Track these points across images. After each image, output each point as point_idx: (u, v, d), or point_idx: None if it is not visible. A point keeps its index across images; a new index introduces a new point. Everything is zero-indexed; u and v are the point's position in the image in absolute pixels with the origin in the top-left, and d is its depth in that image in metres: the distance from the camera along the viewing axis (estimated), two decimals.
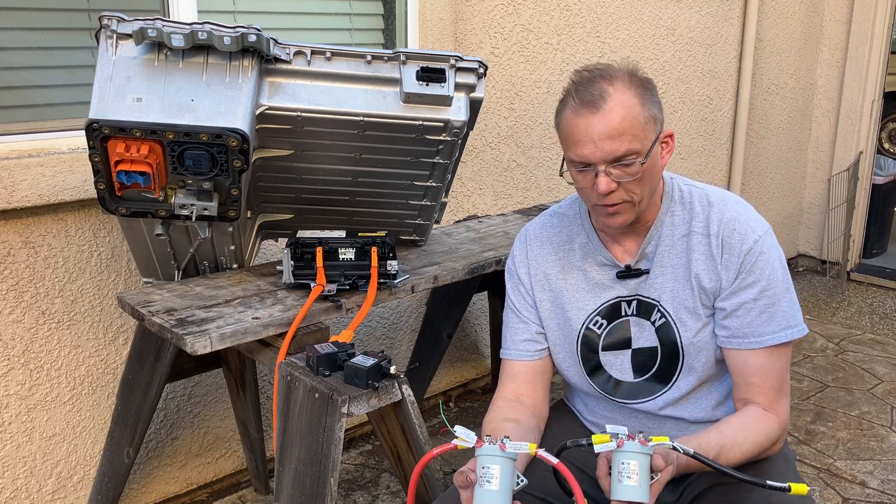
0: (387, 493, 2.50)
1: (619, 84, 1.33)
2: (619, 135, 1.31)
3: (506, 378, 1.59)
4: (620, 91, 1.32)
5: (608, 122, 1.30)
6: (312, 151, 1.84)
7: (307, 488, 1.52)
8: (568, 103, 1.36)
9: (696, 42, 3.71)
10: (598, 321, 1.52)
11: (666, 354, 1.49)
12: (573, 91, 1.35)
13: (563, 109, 1.38)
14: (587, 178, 1.36)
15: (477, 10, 2.76)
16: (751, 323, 1.41)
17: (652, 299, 1.48)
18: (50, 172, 1.93)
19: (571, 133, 1.34)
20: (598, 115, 1.31)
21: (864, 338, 3.79)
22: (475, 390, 3.21)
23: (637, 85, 1.35)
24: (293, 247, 1.80)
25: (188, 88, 1.62)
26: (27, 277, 1.99)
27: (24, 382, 2.05)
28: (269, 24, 2.34)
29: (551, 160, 3.18)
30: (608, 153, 1.32)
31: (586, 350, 1.54)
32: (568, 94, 1.37)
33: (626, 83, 1.34)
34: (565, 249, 1.55)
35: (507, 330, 1.59)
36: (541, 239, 1.58)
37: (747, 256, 1.41)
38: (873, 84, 4.37)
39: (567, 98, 1.37)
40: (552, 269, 1.55)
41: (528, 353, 1.57)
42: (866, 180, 4.55)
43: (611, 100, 1.31)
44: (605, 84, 1.32)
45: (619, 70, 1.36)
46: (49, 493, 2.16)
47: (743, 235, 1.42)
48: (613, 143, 1.31)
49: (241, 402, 2.31)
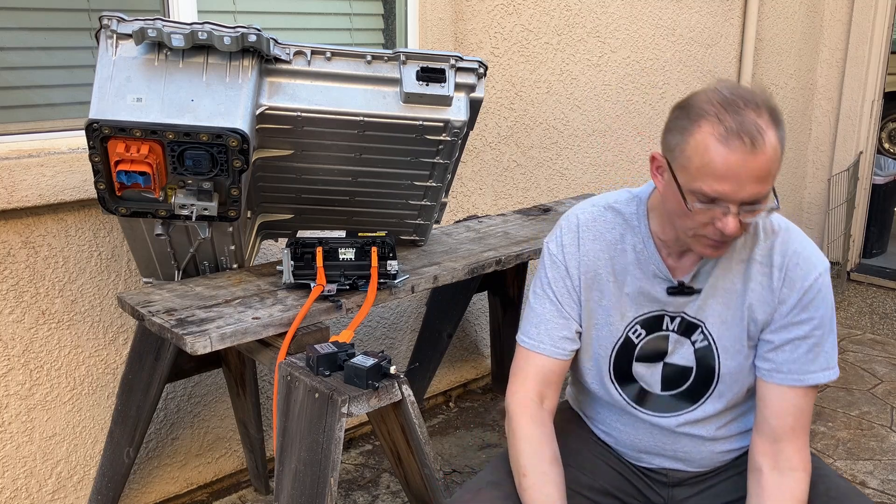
0: (387, 493, 2.50)
1: (767, 118, 1.19)
2: (767, 178, 1.19)
3: (532, 373, 1.46)
4: (770, 127, 1.19)
5: (761, 164, 1.18)
6: (312, 151, 1.84)
7: (307, 488, 1.52)
8: (711, 129, 1.19)
9: (696, 42, 3.71)
10: (638, 330, 1.44)
11: (700, 377, 1.44)
12: (718, 115, 1.19)
13: (693, 130, 1.21)
14: (710, 213, 1.23)
15: (477, 10, 2.76)
16: (796, 360, 1.36)
17: (697, 320, 1.41)
18: (50, 172, 1.93)
19: (713, 164, 1.18)
20: (755, 155, 1.17)
21: (864, 338, 3.79)
22: (475, 390, 3.21)
23: (776, 119, 1.21)
24: (293, 247, 1.80)
25: (188, 88, 1.62)
26: (27, 277, 1.99)
27: (24, 382, 2.05)
28: (269, 24, 2.34)
29: (551, 160, 3.18)
30: (750, 196, 1.20)
31: (620, 358, 1.46)
32: (706, 115, 1.20)
33: (770, 116, 1.20)
34: (618, 249, 1.43)
35: (543, 321, 1.46)
36: (594, 233, 1.44)
37: (806, 293, 1.35)
38: (873, 84, 4.37)
39: (706, 119, 1.20)
40: (603, 268, 1.43)
41: (564, 351, 1.46)
42: (866, 180, 4.55)
43: (766, 138, 1.17)
44: (755, 116, 1.18)
45: (761, 98, 1.22)
46: (49, 493, 2.16)
47: (806, 271, 1.36)
48: (759, 186, 1.19)
49: (241, 402, 2.31)
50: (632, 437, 1.52)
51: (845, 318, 4.05)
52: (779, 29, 4.14)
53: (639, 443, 1.52)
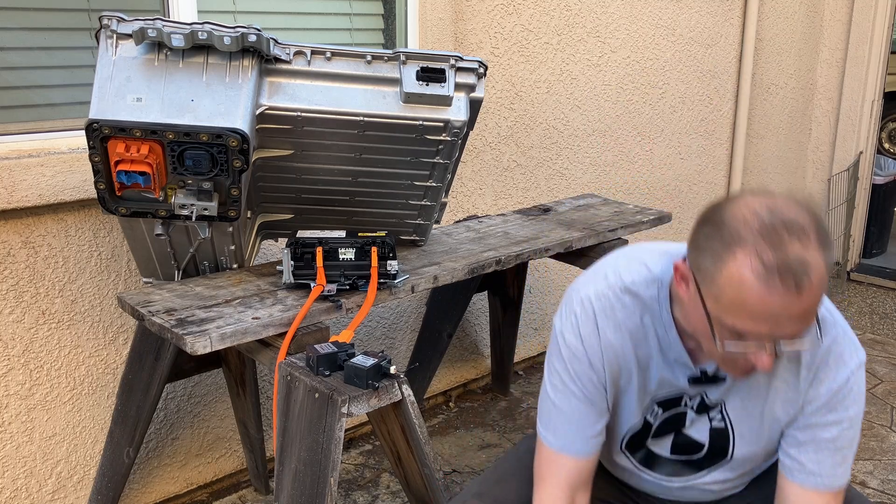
0: (387, 493, 2.50)
1: (814, 248, 1.04)
2: (809, 316, 1.06)
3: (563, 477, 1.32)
4: (817, 260, 1.04)
5: (805, 305, 1.04)
6: (312, 151, 1.84)
7: (307, 488, 1.52)
8: (748, 262, 1.04)
9: (696, 42, 3.71)
10: (655, 410, 1.35)
11: (711, 454, 1.37)
12: (756, 246, 1.04)
13: (727, 259, 1.06)
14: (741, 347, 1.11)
15: (477, 10, 2.76)
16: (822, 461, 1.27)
17: (718, 401, 1.32)
18: (50, 172, 1.93)
19: (749, 305, 1.05)
20: (799, 296, 1.03)
21: (864, 338, 3.79)
22: (475, 390, 3.21)
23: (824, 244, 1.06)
24: (293, 247, 1.80)
25: (188, 88, 1.62)
26: (27, 277, 1.99)
27: (24, 382, 2.05)
28: (269, 24, 2.34)
29: (551, 160, 3.18)
30: (789, 334, 1.07)
31: (635, 437, 1.40)
32: (743, 245, 1.05)
33: (818, 245, 1.05)
34: (640, 338, 1.29)
35: (571, 420, 1.32)
36: (614, 323, 1.29)
37: (836, 395, 1.25)
38: (873, 84, 4.37)
39: (742, 249, 1.05)
40: (629, 360, 1.30)
41: (595, 448, 1.34)
42: (866, 180, 4.55)
43: (812, 275, 1.03)
44: (801, 249, 1.03)
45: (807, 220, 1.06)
46: (49, 493, 2.16)
47: (836, 370, 1.25)
48: (800, 325, 1.06)
49: (241, 402, 2.31)
50: (636, 483, 1.49)
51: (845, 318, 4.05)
52: (779, 29, 4.15)
53: (643, 488, 1.50)
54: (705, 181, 4.02)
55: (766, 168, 4.37)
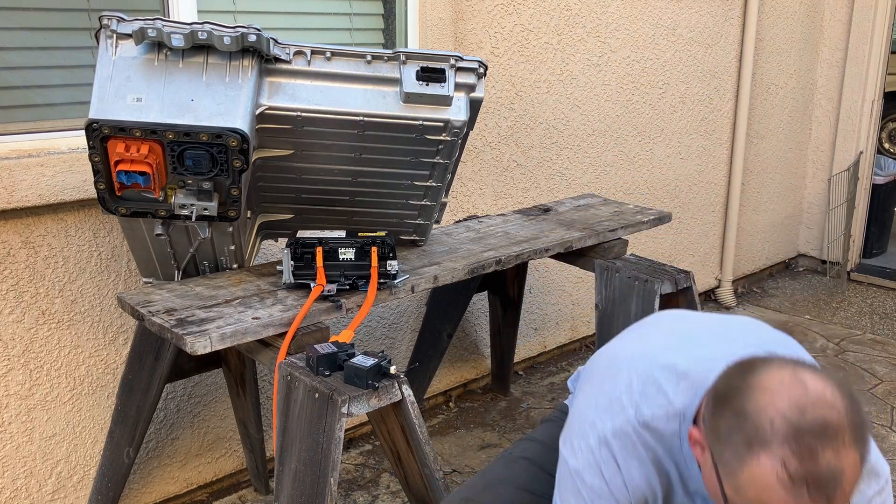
0: (387, 493, 2.50)
1: (848, 452, 0.96)
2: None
3: None
4: (851, 463, 0.96)
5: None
6: (312, 151, 1.84)
7: (307, 488, 1.52)
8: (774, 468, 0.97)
9: (696, 42, 3.71)
10: None
11: None
12: (783, 454, 0.96)
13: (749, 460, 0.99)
14: None
15: (477, 10, 2.76)
16: None
17: None
18: (50, 172, 1.93)
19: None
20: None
21: (865, 338, 3.79)
22: (475, 390, 3.21)
23: (859, 438, 0.98)
24: (293, 247, 1.80)
25: (188, 88, 1.62)
26: (27, 277, 1.99)
27: (24, 382, 2.05)
28: (269, 24, 2.34)
29: (551, 160, 3.18)
30: None
31: None
32: (767, 449, 0.97)
33: (853, 443, 0.97)
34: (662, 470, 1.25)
35: None
36: (638, 459, 1.23)
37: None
38: (873, 84, 4.37)
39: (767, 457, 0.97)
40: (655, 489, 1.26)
41: None
42: (866, 180, 4.55)
43: (845, 483, 0.96)
44: (833, 458, 0.95)
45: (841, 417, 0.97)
46: (49, 493, 2.16)
47: None
48: None
49: (241, 402, 2.31)
50: None
51: (845, 319, 4.05)
52: (779, 29, 4.15)
53: None
54: (705, 181, 4.02)
55: (766, 168, 4.37)
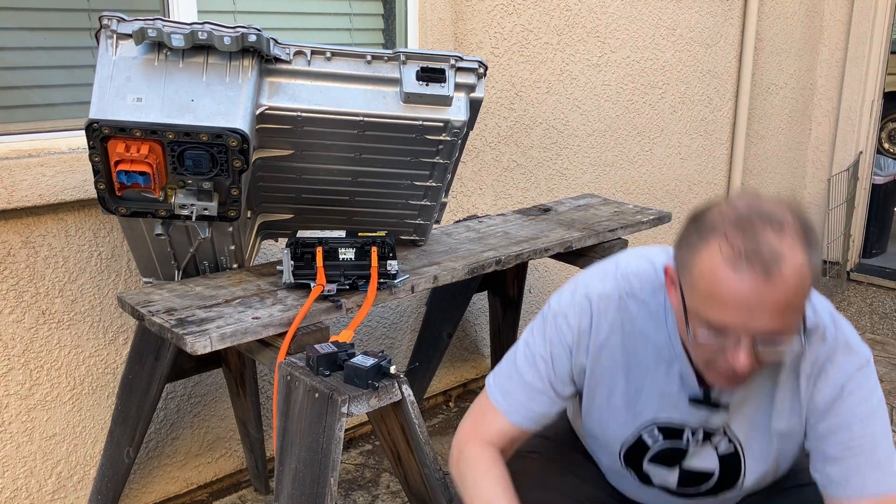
0: (387, 493, 2.50)
1: (790, 240, 1.03)
2: (785, 311, 1.03)
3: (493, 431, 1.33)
4: (793, 251, 1.02)
5: (777, 295, 1.01)
6: (312, 151, 1.84)
7: (307, 488, 1.52)
8: (718, 248, 1.04)
9: (695, 42, 3.71)
10: (656, 434, 1.31)
11: (723, 479, 1.33)
12: (728, 234, 1.04)
13: (701, 248, 1.06)
14: (719, 341, 1.09)
15: (477, 10, 2.76)
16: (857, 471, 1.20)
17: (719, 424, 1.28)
18: (50, 172, 1.93)
19: (719, 292, 1.04)
20: (768, 284, 1.01)
21: (864, 338, 3.79)
22: (475, 390, 3.21)
23: (806, 240, 1.04)
24: (293, 247, 1.80)
25: (188, 88, 1.62)
26: (27, 277, 1.99)
27: (24, 382, 2.05)
28: (269, 24, 2.34)
29: (551, 160, 3.18)
30: (763, 329, 1.05)
31: (630, 454, 1.35)
32: (715, 233, 1.05)
33: (796, 238, 1.03)
34: (637, 346, 1.27)
35: (524, 390, 1.32)
36: (611, 325, 1.27)
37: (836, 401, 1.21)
38: (873, 84, 4.37)
39: (715, 238, 1.05)
40: (617, 365, 1.28)
41: (537, 425, 1.34)
42: (866, 180, 4.55)
43: (784, 266, 1.01)
44: (773, 237, 1.02)
45: (785, 215, 1.05)
46: (49, 493, 2.16)
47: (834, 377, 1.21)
48: (775, 320, 1.04)
49: (241, 402, 2.31)
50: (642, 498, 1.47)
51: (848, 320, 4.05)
52: (779, 29, 4.15)
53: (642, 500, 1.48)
54: (705, 181, 4.02)
55: (766, 168, 4.37)
